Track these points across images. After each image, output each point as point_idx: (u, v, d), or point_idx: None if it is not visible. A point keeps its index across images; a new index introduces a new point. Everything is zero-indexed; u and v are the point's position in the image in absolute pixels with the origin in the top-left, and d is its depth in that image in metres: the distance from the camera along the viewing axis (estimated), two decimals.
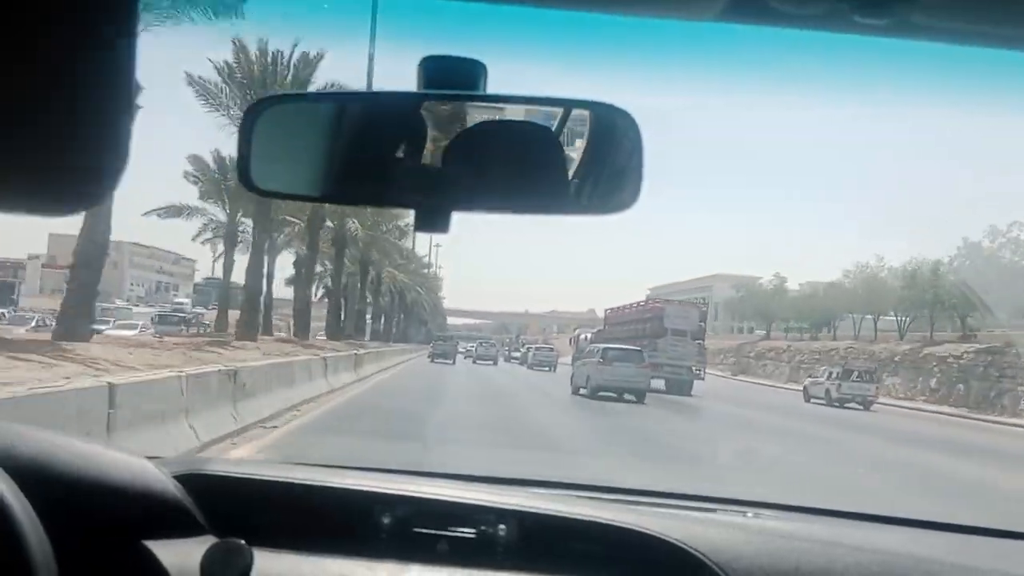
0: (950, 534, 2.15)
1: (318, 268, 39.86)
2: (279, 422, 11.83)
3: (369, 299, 52.49)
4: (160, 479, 1.55)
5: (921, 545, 1.89)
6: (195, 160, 33.05)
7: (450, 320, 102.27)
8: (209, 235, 37.01)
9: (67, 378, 8.75)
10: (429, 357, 48.10)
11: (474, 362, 51.00)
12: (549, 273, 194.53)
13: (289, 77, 26.75)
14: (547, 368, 44.53)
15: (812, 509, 2.33)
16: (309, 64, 27.31)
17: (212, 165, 32.58)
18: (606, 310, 44.58)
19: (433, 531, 1.64)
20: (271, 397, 12.39)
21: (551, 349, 50.85)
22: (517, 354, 59.27)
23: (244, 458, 8.20)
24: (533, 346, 54.90)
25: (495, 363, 51.69)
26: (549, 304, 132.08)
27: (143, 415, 7.84)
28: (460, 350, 54.14)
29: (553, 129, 1.17)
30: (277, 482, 1.70)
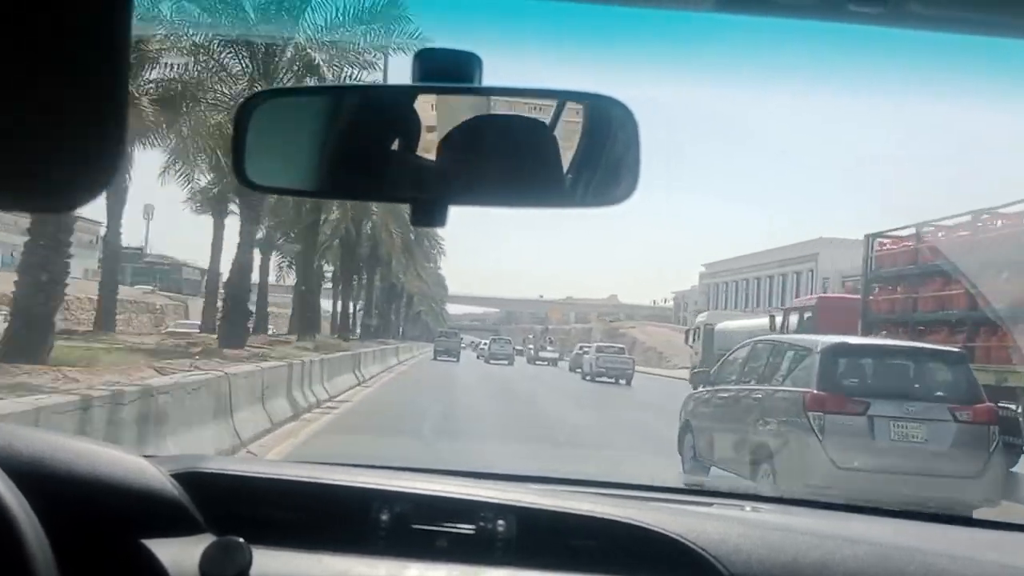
0: (947, 526, 2.16)
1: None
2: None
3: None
4: (158, 477, 1.55)
5: (918, 537, 1.89)
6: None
7: (449, 308, 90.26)
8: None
9: None
10: (434, 355, 43.03)
11: (486, 362, 43.19)
12: (562, 257, 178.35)
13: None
14: (615, 380, 30.39)
15: (809, 502, 2.34)
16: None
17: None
18: (874, 239, 14.09)
19: (432, 527, 1.64)
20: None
21: (621, 350, 34.64)
22: (548, 354, 46.89)
23: (242, 456, 8.27)
24: (592, 346, 37.50)
25: (510, 362, 43.08)
26: (563, 290, 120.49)
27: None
28: (464, 344, 50.48)
29: (549, 121, 1.16)
30: (275, 479, 1.69)
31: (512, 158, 1.13)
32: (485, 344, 50.09)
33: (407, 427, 12.70)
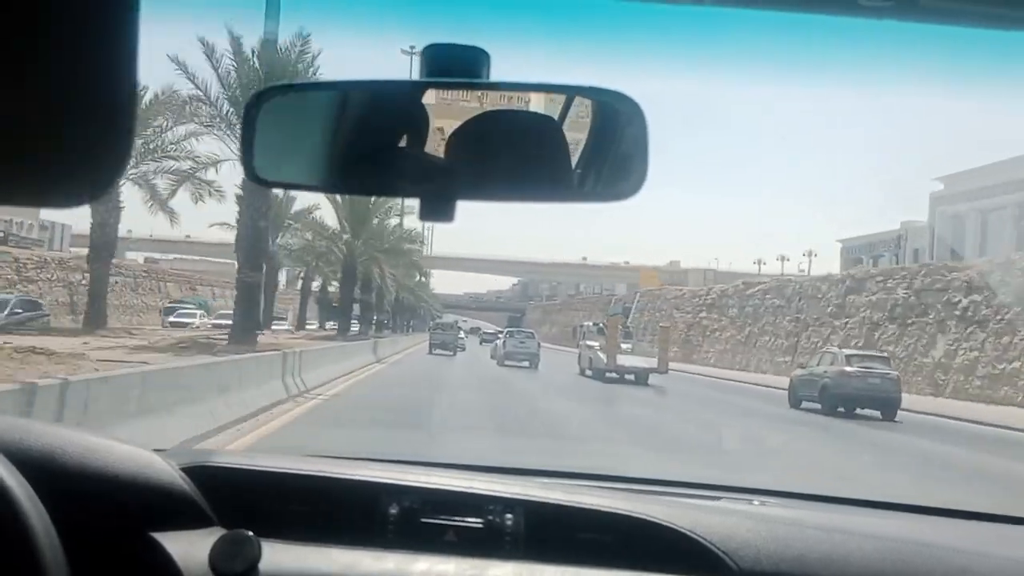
0: (954, 520, 2.16)
1: None
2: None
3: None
4: (167, 471, 1.55)
5: (925, 531, 1.89)
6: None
7: (439, 276, 66.11)
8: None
9: None
10: (429, 349, 37.46)
11: (499, 364, 31.30)
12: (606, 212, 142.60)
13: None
14: None
15: (818, 496, 2.34)
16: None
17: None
18: None
19: (440, 521, 1.64)
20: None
21: None
22: (632, 359, 27.08)
23: (251, 450, 8.34)
24: None
25: (532, 364, 31.35)
26: (608, 254, 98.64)
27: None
28: (465, 332, 45.24)
29: (557, 116, 1.17)
30: (284, 473, 1.70)
31: (520, 153, 1.14)
32: (501, 336, 37.09)
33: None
